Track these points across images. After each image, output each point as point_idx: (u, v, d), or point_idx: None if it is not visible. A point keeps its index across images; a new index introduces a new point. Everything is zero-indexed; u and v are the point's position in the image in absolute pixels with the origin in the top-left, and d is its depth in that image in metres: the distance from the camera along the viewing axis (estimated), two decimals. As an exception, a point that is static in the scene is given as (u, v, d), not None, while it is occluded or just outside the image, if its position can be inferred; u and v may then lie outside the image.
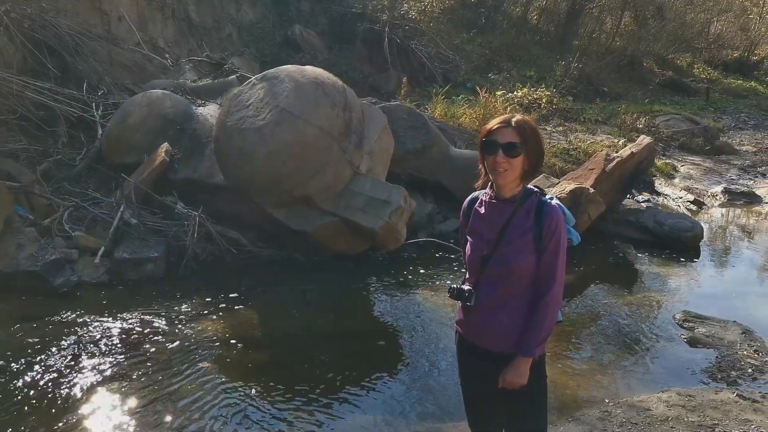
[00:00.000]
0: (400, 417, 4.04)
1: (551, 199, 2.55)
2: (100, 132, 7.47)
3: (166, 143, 6.86)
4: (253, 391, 4.21)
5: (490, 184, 2.58)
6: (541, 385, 2.61)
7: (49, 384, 4.15)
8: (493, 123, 2.49)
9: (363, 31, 13.77)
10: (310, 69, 6.46)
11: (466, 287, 2.61)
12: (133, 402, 4.00)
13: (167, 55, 10.16)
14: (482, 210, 2.59)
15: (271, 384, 4.31)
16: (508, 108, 10.96)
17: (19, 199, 6.26)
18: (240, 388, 4.23)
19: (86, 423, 3.78)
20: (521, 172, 2.47)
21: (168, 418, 3.86)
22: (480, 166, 2.57)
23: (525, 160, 2.45)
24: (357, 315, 5.69)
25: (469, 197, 2.70)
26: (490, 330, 2.56)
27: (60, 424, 3.76)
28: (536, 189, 2.55)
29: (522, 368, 2.48)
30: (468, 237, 2.64)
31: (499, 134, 2.44)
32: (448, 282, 2.69)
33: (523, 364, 2.48)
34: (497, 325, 2.53)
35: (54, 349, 4.57)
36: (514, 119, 2.47)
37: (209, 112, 7.48)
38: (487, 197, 2.58)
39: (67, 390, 4.09)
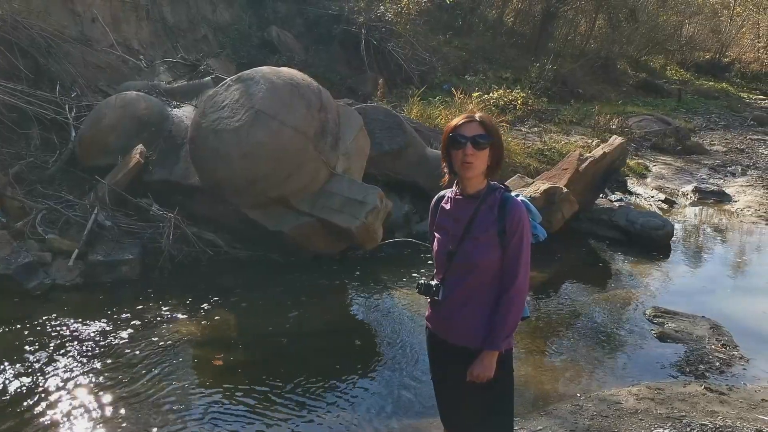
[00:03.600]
0: (376, 414, 4.08)
1: (517, 195, 2.62)
2: (73, 134, 7.40)
3: (140, 145, 6.82)
4: (230, 391, 4.22)
5: (456, 181, 2.64)
6: (507, 380, 2.66)
7: (21, 387, 4.12)
8: (458, 120, 2.55)
9: (340, 33, 13.80)
10: (285, 70, 6.48)
11: (433, 282, 2.67)
12: (108, 404, 3.98)
13: (142, 57, 10.09)
14: (448, 206, 2.65)
15: (248, 384, 4.32)
16: (483, 108, 11.07)
17: (-9, 202, 6.19)
18: (217, 389, 4.24)
19: (59, 426, 3.76)
20: (485, 168, 2.54)
21: (143, 420, 3.86)
22: (443, 164, 2.63)
23: (490, 155, 2.53)
24: (334, 314, 5.71)
25: (436, 196, 2.77)
26: (457, 325, 2.61)
27: (31, 427, 3.73)
28: (501, 186, 2.61)
29: (488, 362, 2.53)
30: (435, 233, 2.70)
31: (465, 129, 2.51)
32: (422, 280, 2.72)
33: (490, 357, 2.54)
34: (463, 319, 2.59)
35: (26, 352, 4.53)
36: (477, 115, 2.55)
37: (184, 113, 7.46)
38: (453, 194, 2.65)
39: (39, 393, 4.06)
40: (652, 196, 10.19)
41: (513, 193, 2.60)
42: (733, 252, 8.27)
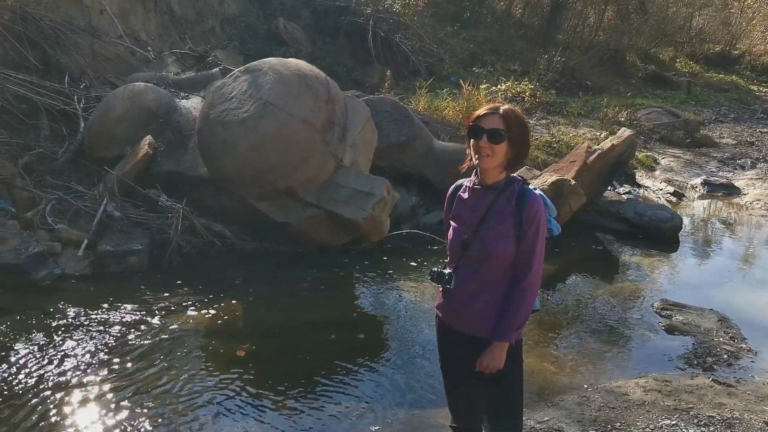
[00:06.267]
0: (384, 404, 4.09)
1: (534, 189, 2.62)
2: (82, 125, 7.44)
3: (149, 136, 6.85)
4: (237, 381, 4.24)
5: (475, 171, 2.63)
6: (517, 371, 2.67)
7: (31, 377, 4.15)
8: (482, 110, 2.56)
9: (347, 25, 13.76)
10: (293, 61, 6.48)
11: (446, 271, 2.67)
12: (115, 394, 4.02)
13: (150, 48, 10.10)
14: (465, 195, 2.65)
15: (255, 374, 4.35)
16: (497, 100, 11.02)
17: (1, 192, 6.22)
18: (224, 379, 4.26)
19: (67, 415, 3.79)
20: (504, 160, 2.54)
21: (151, 410, 3.88)
22: (468, 150, 2.63)
23: (508, 149, 2.51)
24: (341, 306, 5.73)
25: (453, 185, 2.77)
26: (468, 314, 2.61)
27: (40, 417, 3.76)
28: (519, 178, 2.61)
29: (498, 353, 2.54)
30: (450, 222, 2.70)
31: (485, 120, 2.51)
32: (435, 268, 2.72)
33: (500, 348, 2.54)
34: (474, 309, 2.59)
35: (36, 342, 4.57)
36: (502, 108, 2.54)
37: (192, 104, 7.47)
38: (471, 184, 2.65)
39: (48, 382, 4.10)
40: (661, 189, 10.14)
41: (530, 186, 2.60)
42: (742, 245, 8.23)
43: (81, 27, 9.03)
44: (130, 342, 4.66)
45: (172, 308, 5.24)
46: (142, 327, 4.89)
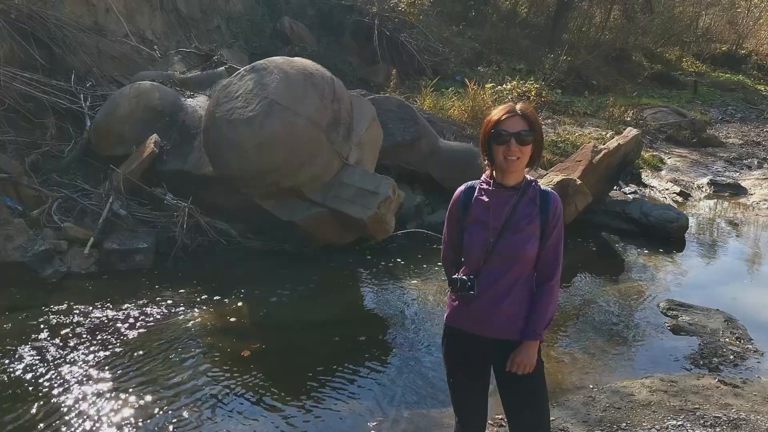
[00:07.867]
0: (388, 404, 4.09)
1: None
2: (88, 123, 7.46)
3: (154, 134, 6.86)
4: (242, 380, 4.25)
5: (488, 172, 2.59)
6: (540, 369, 2.65)
7: (36, 375, 4.16)
8: (499, 113, 2.49)
9: (352, 24, 13.77)
10: (298, 60, 6.48)
11: (466, 277, 2.58)
12: (121, 392, 4.02)
13: (155, 47, 10.11)
14: (485, 198, 2.56)
15: (260, 373, 4.35)
16: (506, 99, 10.99)
17: (8, 191, 6.25)
18: (229, 378, 4.27)
19: (74, 413, 3.80)
20: (527, 160, 2.53)
21: (157, 408, 3.89)
22: (484, 158, 2.58)
23: (533, 148, 2.50)
24: (345, 305, 5.72)
25: (463, 186, 2.66)
26: (495, 318, 2.55)
27: (46, 414, 3.78)
28: (532, 178, 2.61)
29: (531, 352, 2.52)
30: (469, 226, 2.59)
31: (508, 124, 2.45)
32: (457, 276, 2.69)
33: (532, 347, 2.53)
34: (501, 312, 2.54)
35: (42, 340, 4.59)
36: (518, 107, 2.49)
37: (198, 103, 7.48)
38: (487, 185, 2.58)
39: (54, 380, 4.11)
40: (667, 189, 10.11)
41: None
42: (748, 245, 8.20)
43: (87, 26, 9.05)
44: (135, 340, 4.67)
45: (177, 306, 5.25)
46: (147, 325, 4.90)
